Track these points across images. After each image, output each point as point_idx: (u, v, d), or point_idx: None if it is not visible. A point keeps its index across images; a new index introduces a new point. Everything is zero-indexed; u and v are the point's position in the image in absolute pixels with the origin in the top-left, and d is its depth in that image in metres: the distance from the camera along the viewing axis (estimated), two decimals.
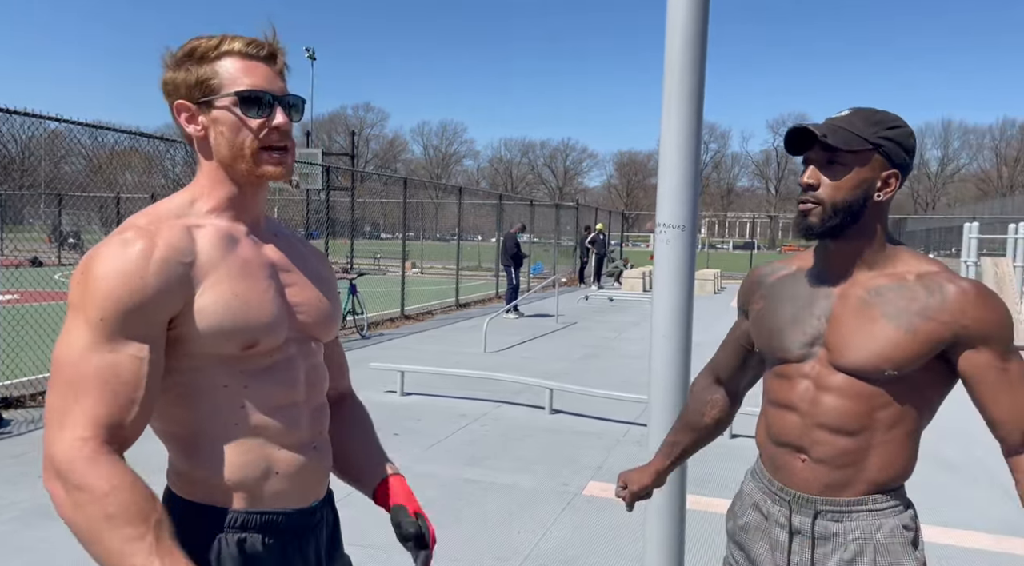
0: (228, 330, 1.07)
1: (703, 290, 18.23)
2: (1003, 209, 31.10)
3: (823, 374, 1.32)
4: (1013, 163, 73.98)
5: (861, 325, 1.28)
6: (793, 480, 1.36)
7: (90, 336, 1.00)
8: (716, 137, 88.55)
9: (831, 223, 1.28)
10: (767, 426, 1.43)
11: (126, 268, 1.01)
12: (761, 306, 1.46)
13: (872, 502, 1.32)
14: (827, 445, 1.31)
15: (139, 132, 7.80)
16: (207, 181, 1.15)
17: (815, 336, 1.34)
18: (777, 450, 1.39)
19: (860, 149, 1.26)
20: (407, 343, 9.56)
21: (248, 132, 1.11)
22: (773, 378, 1.42)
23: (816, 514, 1.34)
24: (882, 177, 1.29)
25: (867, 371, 1.27)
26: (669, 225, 1.90)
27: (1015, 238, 12.24)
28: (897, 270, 1.31)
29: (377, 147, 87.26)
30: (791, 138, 1.30)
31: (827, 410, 1.31)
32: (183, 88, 1.12)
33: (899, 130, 1.29)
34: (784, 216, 72.30)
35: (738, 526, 1.49)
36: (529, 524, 3.77)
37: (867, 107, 1.31)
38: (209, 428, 1.10)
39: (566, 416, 5.92)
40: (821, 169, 1.29)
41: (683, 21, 1.87)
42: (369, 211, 31.25)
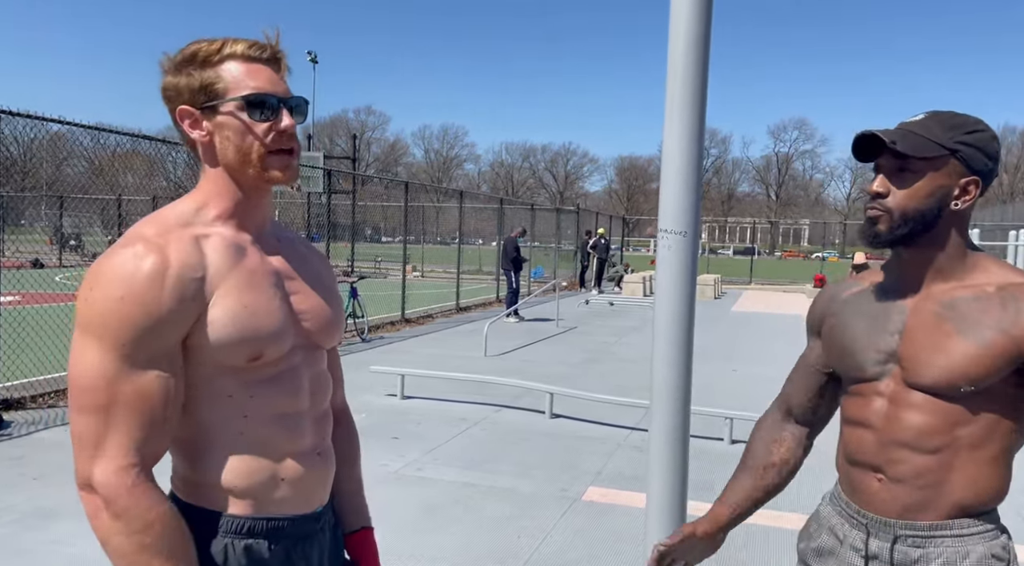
0: (236, 342, 1.07)
1: (703, 295, 18.22)
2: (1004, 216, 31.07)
3: (898, 392, 1.25)
4: (1014, 170, 73.99)
5: (935, 340, 1.21)
6: (870, 501, 1.28)
7: (114, 361, 1.01)
8: (717, 142, 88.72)
9: (900, 232, 1.22)
10: (843, 446, 1.36)
11: (142, 288, 1.01)
12: (833, 323, 1.39)
13: (958, 526, 1.22)
14: (905, 463, 1.24)
15: (141, 134, 7.81)
16: (213, 187, 1.14)
17: (889, 353, 1.27)
18: (853, 470, 1.33)
19: (934, 155, 1.19)
20: (407, 346, 9.56)
21: (255, 137, 1.10)
22: (849, 397, 1.35)
23: (895, 538, 1.25)
24: (960, 184, 1.21)
25: (942, 388, 1.20)
26: (671, 231, 1.90)
27: (1016, 245, 12.24)
28: (977, 281, 1.23)
29: (378, 150, 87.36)
30: (859, 145, 1.24)
31: (904, 427, 1.23)
32: (186, 93, 1.10)
33: (980, 134, 1.21)
34: (784, 222, 72.36)
35: (811, 548, 1.41)
36: (529, 529, 3.77)
37: (945, 110, 1.24)
38: (214, 436, 1.10)
39: (566, 420, 5.92)
40: (892, 176, 1.23)
41: (686, 27, 1.87)
42: (370, 214, 31.27)
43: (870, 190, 1.25)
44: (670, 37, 1.86)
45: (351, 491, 1.37)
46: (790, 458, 1.49)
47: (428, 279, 22.27)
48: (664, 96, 1.93)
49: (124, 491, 0.99)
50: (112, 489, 0.99)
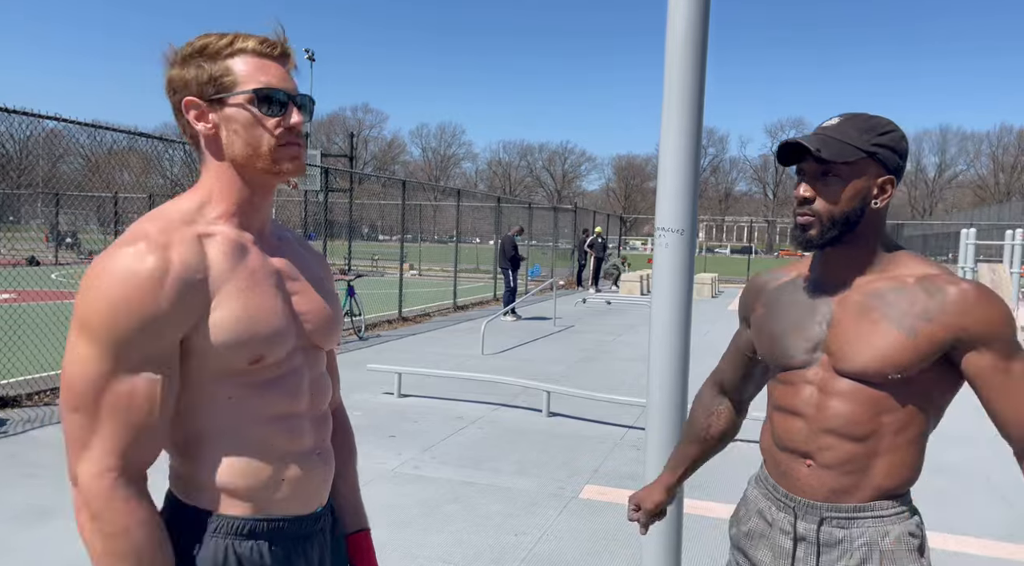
0: (238, 344, 1.06)
1: (700, 294, 18.24)
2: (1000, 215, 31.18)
3: (827, 379, 1.31)
4: (1010, 169, 74.19)
5: (862, 329, 1.27)
6: (798, 486, 1.35)
7: (107, 362, 0.99)
8: (714, 141, 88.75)
9: (829, 235, 1.28)
10: (772, 432, 1.41)
11: (141, 289, 0.99)
12: (762, 313, 1.45)
13: (878, 508, 1.30)
14: (834, 450, 1.30)
15: (137, 132, 7.79)
16: (217, 182, 1.13)
17: (817, 341, 1.33)
18: (782, 456, 1.38)
19: (854, 159, 1.25)
20: (404, 345, 9.55)
21: (264, 131, 1.09)
22: (777, 385, 1.41)
23: (821, 520, 1.32)
24: (878, 184, 1.28)
25: (871, 375, 1.26)
26: (668, 229, 1.90)
27: (1012, 244, 12.27)
28: (897, 273, 1.30)
29: (376, 149, 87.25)
30: (784, 151, 1.29)
31: (833, 415, 1.29)
32: (193, 84, 1.09)
33: (891, 135, 1.28)
34: (782, 221, 72.45)
35: (742, 532, 1.47)
36: (526, 527, 3.77)
37: (857, 113, 1.30)
38: (214, 438, 1.10)
39: (563, 419, 5.92)
40: (816, 181, 1.28)
41: (683, 27, 1.87)
42: (367, 213, 31.24)
43: (797, 195, 1.30)
44: (667, 37, 1.87)
45: (348, 492, 1.37)
46: (727, 429, 1.65)
47: (425, 278, 22.27)
48: (662, 95, 1.93)
49: (102, 495, 0.99)
50: (91, 491, 0.99)
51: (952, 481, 4.62)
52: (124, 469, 1.01)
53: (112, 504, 0.99)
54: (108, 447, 1.00)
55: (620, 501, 4.13)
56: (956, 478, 4.69)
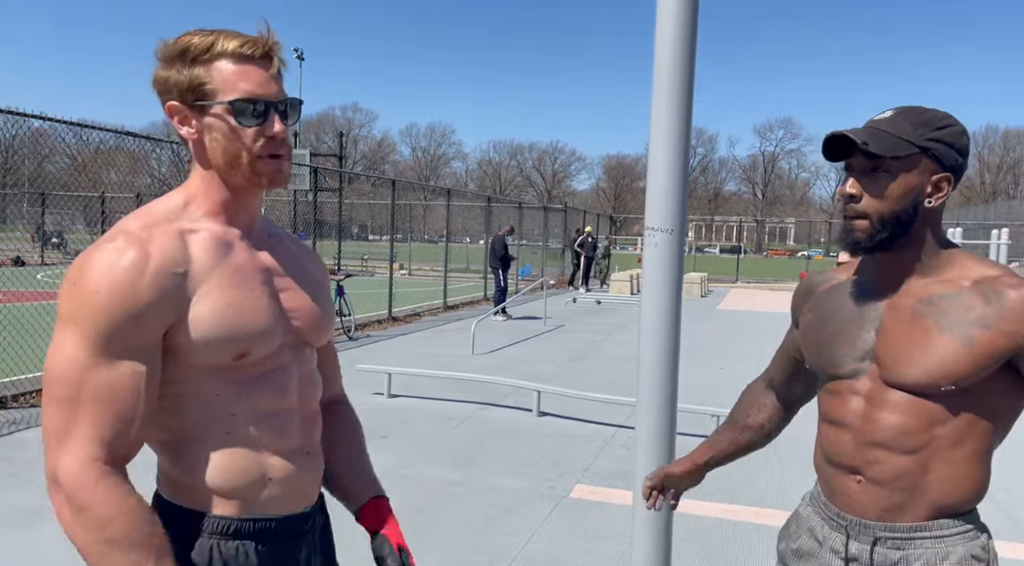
0: (221, 340, 1.06)
1: (690, 293, 18.30)
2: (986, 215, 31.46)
3: (876, 390, 1.23)
4: (996, 169, 74.89)
5: (914, 338, 1.19)
6: (849, 504, 1.27)
7: (87, 352, 0.99)
8: (704, 141, 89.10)
9: (880, 237, 1.20)
10: (821, 446, 1.34)
11: (120, 281, 0.99)
12: (810, 318, 1.38)
13: (937, 527, 1.21)
14: (883, 464, 1.22)
15: (124, 131, 7.73)
16: (201, 183, 1.13)
17: (866, 350, 1.25)
18: (832, 471, 1.31)
19: (906, 154, 1.16)
20: (394, 345, 9.53)
21: (243, 141, 1.08)
22: (825, 395, 1.34)
23: (875, 540, 1.24)
24: (932, 181, 1.19)
25: (923, 387, 1.18)
26: (657, 229, 1.90)
27: (997, 243, 12.38)
28: (952, 275, 1.21)
29: (365, 148, 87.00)
30: (829, 145, 1.21)
31: (882, 427, 1.22)
32: (175, 90, 1.08)
33: (949, 130, 1.19)
34: (770, 220, 72.86)
35: (791, 550, 1.41)
36: (516, 526, 3.77)
37: (913, 106, 1.22)
38: (201, 436, 1.09)
39: (554, 418, 5.93)
40: (864, 177, 1.20)
41: (672, 28, 1.87)
42: (357, 212, 31.16)
43: (842, 192, 1.22)
44: (656, 37, 1.87)
45: (362, 465, 1.35)
46: (766, 423, 1.56)
47: (415, 277, 22.23)
48: (651, 95, 1.93)
49: (88, 485, 0.97)
50: (75, 482, 0.98)
51: None
52: (108, 460, 1.00)
53: (98, 493, 0.98)
54: (91, 437, 0.99)
55: (610, 500, 4.13)
56: None
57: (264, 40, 1.10)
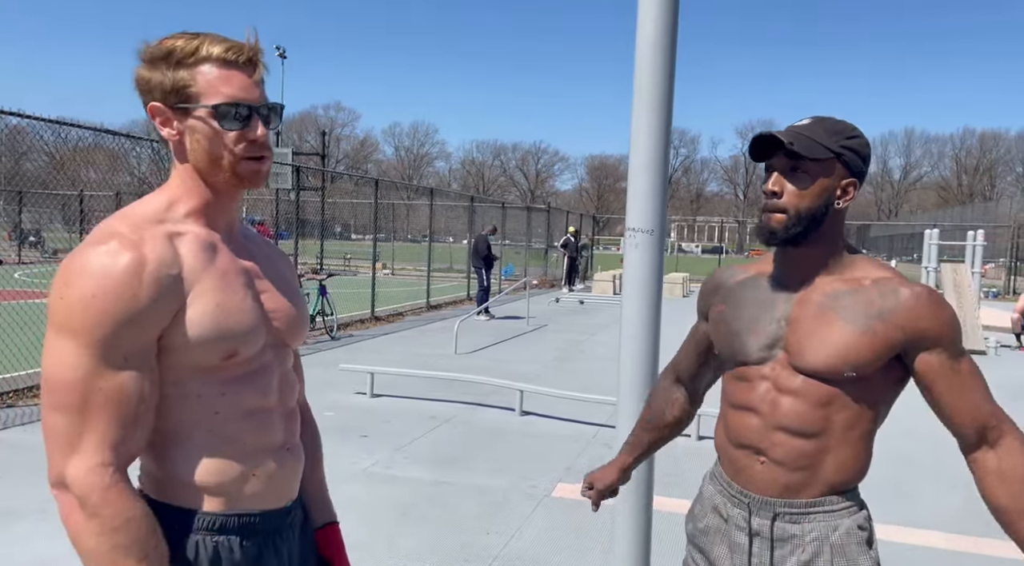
0: (212, 341, 1.07)
1: (671, 293, 18.41)
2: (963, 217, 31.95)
3: (783, 376, 1.34)
4: (972, 172, 75.97)
5: (820, 328, 1.31)
6: (752, 482, 1.38)
7: (90, 359, 1.00)
8: (686, 142, 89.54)
9: (795, 230, 1.31)
10: (726, 429, 1.45)
11: (118, 285, 1.00)
12: (721, 309, 1.48)
13: (828, 503, 1.34)
14: (786, 447, 1.33)
15: (104, 129, 7.65)
16: (183, 184, 1.14)
17: (775, 339, 1.36)
18: (737, 452, 1.41)
19: (823, 157, 1.29)
20: (377, 345, 9.51)
21: (225, 146, 1.10)
22: (732, 381, 1.44)
23: (775, 516, 1.36)
24: (842, 185, 1.32)
25: (827, 372, 1.29)
26: (638, 229, 1.93)
27: (973, 245, 12.58)
28: (854, 275, 1.35)
29: (348, 147, 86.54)
30: (756, 145, 1.33)
31: (787, 412, 1.33)
32: (158, 91, 1.09)
33: (858, 140, 1.33)
34: (752, 221, 73.40)
35: (698, 529, 1.51)
36: (499, 525, 3.78)
37: (827, 116, 1.34)
38: (185, 434, 1.10)
39: (536, 418, 5.95)
40: (785, 176, 1.32)
41: (652, 30, 1.90)
42: (340, 211, 31.02)
43: (766, 189, 1.34)
44: (637, 39, 1.89)
45: (315, 487, 1.38)
46: (682, 417, 1.70)
47: (398, 277, 22.17)
48: (632, 103, 1.96)
49: (99, 490, 0.99)
50: (86, 488, 0.99)
51: (910, 475, 4.74)
52: (118, 466, 1.01)
53: (111, 498, 0.99)
54: (100, 443, 1.00)
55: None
56: (914, 471, 4.80)
57: (248, 46, 1.11)
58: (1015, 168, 75.91)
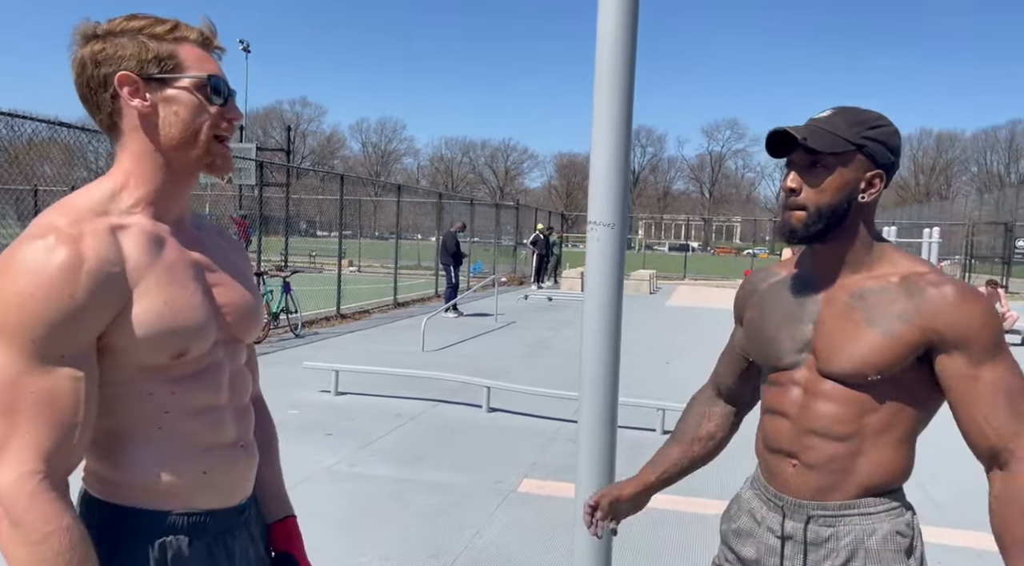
0: (160, 339, 1.03)
1: (639, 290, 18.57)
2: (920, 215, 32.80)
3: (812, 380, 1.30)
4: (929, 171, 77.94)
5: (845, 331, 1.26)
6: (786, 486, 1.34)
7: (21, 359, 0.94)
8: (653, 141, 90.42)
9: (815, 228, 1.26)
10: (763, 433, 1.41)
11: (53, 282, 0.94)
12: (754, 314, 1.44)
13: (864, 505, 1.28)
14: (817, 450, 1.29)
15: (59, 121, 7.45)
16: (135, 167, 1.08)
17: (804, 342, 1.32)
18: (771, 456, 1.38)
19: (842, 150, 1.23)
20: (342, 342, 9.42)
21: (209, 117, 1.08)
22: (768, 386, 1.40)
23: (808, 519, 1.31)
24: (866, 178, 1.26)
25: (851, 377, 1.25)
26: (600, 223, 1.93)
27: (929, 242, 12.91)
28: (883, 271, 1.29)
29: (314, 143, 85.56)
30: (772, 141, 1.27)
31: (817, 416, 1.29)
32: (132, 60, 1.04)
33: (882, 129, 1.26)
34: (717, 219, 74.47)
35: (731, 530, 1.47)
36: (463, 522, 3.77)
37: (850, 106, 1.29)
38: (133, 433, 1.06)
39: (503, 414, 5.95)
40: (803, 172, 1.27)
41: (612, 25, 1.90)
42: (305, 208, 30.66)
43: (784, 186, 1.29)
44: (598, 31, 1.89)
45: (271, 481, 1.35)
46: (717, 432, 1.57)
47: (365, 274, 21.99)
48: (592, 100, 1.96)
49: (24, 498, 0.93)
50: (11, 496, 0.92)
51: None
52: (47, 473, 0.95)
53: (35, 508, 0.93)
54: (29, 449, 0.94)
55: (558, 493, 4.17)
56: None
57: (216, 35, 1.12)
58: (970, 168, 78.15)
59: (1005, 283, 19.01)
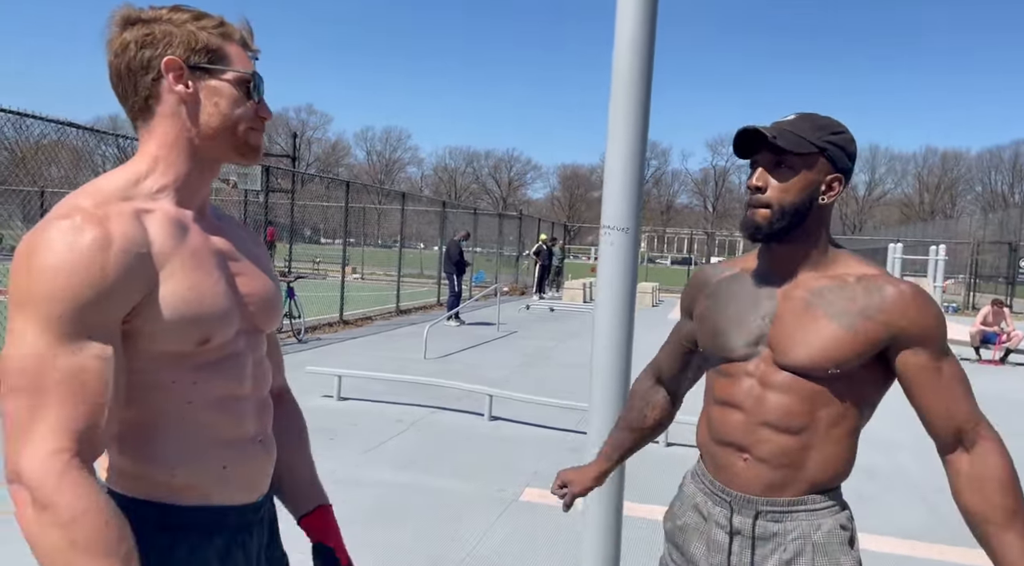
0: (186, 324, 1.02)
1: (642, 303, 18.54)
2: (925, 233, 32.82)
3: (767, 373, 1.33)
4: (934, 189, 77.96)
5: (804, 324, 1.30)
6: (735, 480, 1.36)
7: (49, 337, 0.92)
8: (657, 154, 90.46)
9: (779, 225, 1.30)
10: (709, 425, 1.43)
11: (82, 259, 0.93)
12: (706, 305, 1.46)
13: (811, 502, 1.33)
14: (770, 443, 1.32)
15: (68, 122, 7.47)
16: (166, 152, 1.08)
17: (759, 335, 1.35)
18: (719, 449, 1.39)
19: (807, 152, 1.28)
20: (345, 348, 9.40)
21: (246, 112, 1.11)
22: (717, 377, 1.42)
23: (757, 514, 1.34)
24: (826, 181, 1.31)
25: (810, 369, 1.28)
26: (614, 227, 1.92)
27: (935, 259, 12.89)
28: (838, 272, 1.34)
29: (319, 150, 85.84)
30: (740, 140, 1.32)
31: (771, 408, 1.31)
32: (181, 47, 1.06)
33: (843, 136, 1.32)
34: (720, 233, 74.51)
35: (676, 526, 1.49)
36: (465, 530, 3.74)
37: (812, 113, 1.34)
38: (155, 424, 1.05)
39: (505, 423, 5.92)
40: (769, 171, 1.31)
41: (630, 36, 1.90)
42: (310, 215, 30.73)
43: (750, 184, 1.33)
44: (616, 33, 1.89)
45: (304, 469, 1.32)
46: (662, 418, 1.68)
47: (368, 281, 21.99)
48: (608, 104, 1.95)
49: (52, 478, 0.89)
50: (39, 476, 0.89)
51: (874, 482, 4.80)
52: (77, 452, 0.92)
53: (65, 488, 0.89)
54: (57, 427, 0.91)
55: (560, 503, 4.13)
56: (878, 479, 4.87)
57: (253, 37, 1.17)
58: (975, 187, 78.13)
59: (1009, 302, 18.97)
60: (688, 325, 1.55)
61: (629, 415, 1.69)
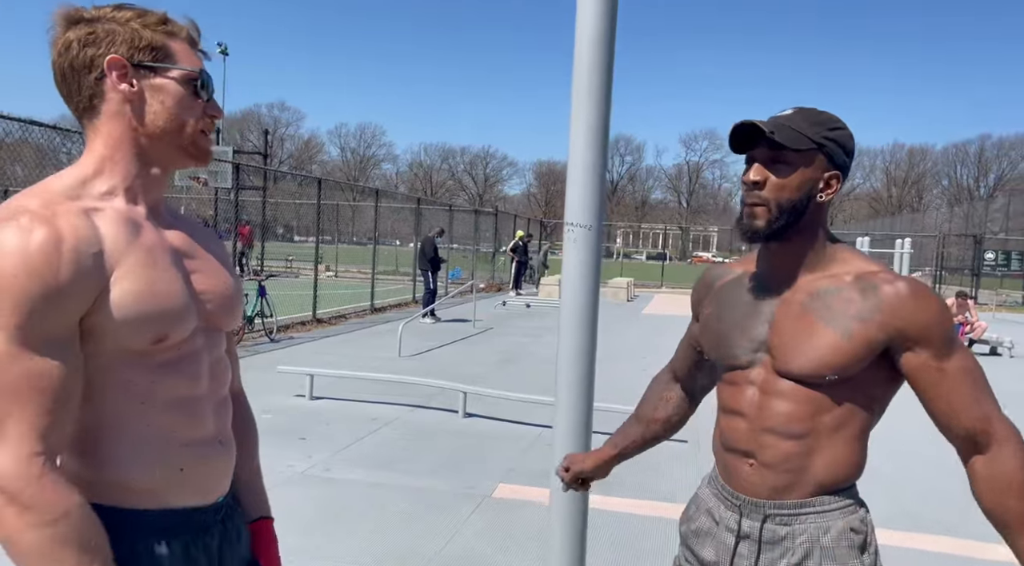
0: (140, 323, 1.01)
1: (617, 297, 18.65)
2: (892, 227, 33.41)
3: (768, 380, 1.31)
4: (902, 184, 79.28)
5: (801, 331, 1.27)
6: (743, 485, 1.35)
7: (9, 342, 0.91)
8: (631, 150, 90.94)
9: (777, 224, 1.27)
10: (720, 433, 1.42)
11: (35, 260, 0.92)
12: (709, 311, 1.45)
13: (820, 503, 1.30)
14: (774, 449, 1.30)
15: (32, 121, 7.32)
16: (109, 152, 1.06)
17: (760, 342, 1.33)
18: (728, 456, 1.39)
19: (805, 148, 1.25)
20: (318, 347, 9.33)
21: (194, 111, 1.09)
22: (723, 385, 1.41)
23: (765, 518, 1.32)
24: (824, 178, 1.28)
25: (809, 377, 1.26)
26: (577, 224, 1.93)
27: (901, 252, 13.13)
28: (837, 270, 1.30)
29: (292, 148, 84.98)
30: (736, 135, 1.28)
31: (773, 415, 1.30)
32: (123, 45, 1.04)
33: (841, 132, 1.29)
34: (695, 228, 75.13)
35: (690, 530, 1.48)
36: (437, 527, 3.74)
37: (810, 107, 1.30)
38: (110, 426, 1.03)
39: (479, 420, 5.92)
40: (766, 167, 1.27)
41: (590, 30, 1.91)
42: (282, 212, 30.41)
43: (747, 179, 1.29)
44: (576, 32, 1.90)
45: (249, 479, 1.31)
46: (672, 416, 1.64)
47: (342, 279, 21.84)
48: (571, 99, 1.96)
49: (32, 481, 0.90)
50: (18, 480, 0.90)
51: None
52: (48, 454, 0.93)
53: (46, 490, 0.91)
54: (28, 432, 0.92)
55: (533, 498, 4.16)
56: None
57: (200, 36, 1.14)
58: (941, 181, 79.62)
59: (974, 294, 19.38)
60: (696, 327, 1.54)
61: (641, 407, 1.67)
